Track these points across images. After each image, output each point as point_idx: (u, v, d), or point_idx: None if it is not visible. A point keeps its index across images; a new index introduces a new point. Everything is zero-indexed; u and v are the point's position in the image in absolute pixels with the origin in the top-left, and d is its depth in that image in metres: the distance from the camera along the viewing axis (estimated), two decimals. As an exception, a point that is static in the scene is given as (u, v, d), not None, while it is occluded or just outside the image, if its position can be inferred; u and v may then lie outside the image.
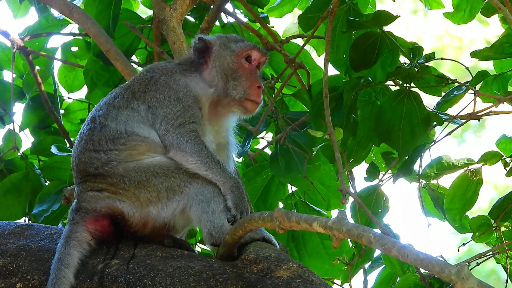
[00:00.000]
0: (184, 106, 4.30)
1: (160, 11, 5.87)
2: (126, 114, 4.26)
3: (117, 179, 4.10)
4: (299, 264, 3.89)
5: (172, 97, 4.33)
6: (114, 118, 4.24)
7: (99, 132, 4.21)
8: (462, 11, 6.25)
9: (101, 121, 4.24)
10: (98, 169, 4.14)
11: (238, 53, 4.51)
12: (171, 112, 4.29)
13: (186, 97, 4.34)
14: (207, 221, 4.06)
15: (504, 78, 5.90)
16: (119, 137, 4.18)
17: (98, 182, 4.12)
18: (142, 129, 4.22)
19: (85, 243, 4.01)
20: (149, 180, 4.10)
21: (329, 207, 6.45)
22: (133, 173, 4.11)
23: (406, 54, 5.49)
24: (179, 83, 4.39)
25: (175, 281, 3.75)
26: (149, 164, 4.13)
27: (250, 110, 4.49)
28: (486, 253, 5.67)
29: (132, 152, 4.16)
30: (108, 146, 4.17)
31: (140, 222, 4.10)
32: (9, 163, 7.02)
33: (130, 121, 4.23)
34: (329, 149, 5.41)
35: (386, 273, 6.19)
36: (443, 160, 5.74)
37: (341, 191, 4.53)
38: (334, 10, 5.26)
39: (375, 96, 5.63)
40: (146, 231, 4.12)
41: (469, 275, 2.82)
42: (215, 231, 4.06)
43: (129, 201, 4.08)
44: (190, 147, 4.19)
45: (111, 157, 4.14)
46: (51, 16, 7.08)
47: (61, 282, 3.81)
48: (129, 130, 4.21)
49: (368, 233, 3.16)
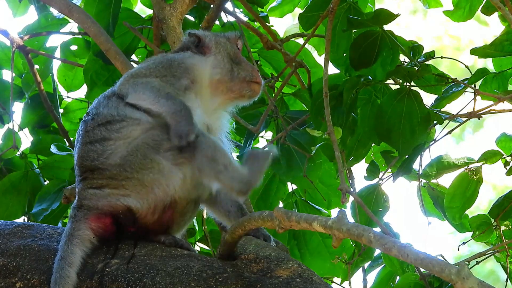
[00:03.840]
0: (169, 73, 4.32)
1: (160, 10, 5.87)
2: (116, 99, 4.24)
3: (117, 170, 4.03)
4: (299, 264, 3.89)
5: (163, 63, 4.37)
6: (105, 105, 4.21)
7: (92, 121, 4.17)
8: (462, 9, 6.26)
9: (93, 112, 4.22)
10: (94, 161, 4.07)
11: (233, 40, 4.63)
12: (147, 68, 4.34)
13: (177, 67, 4.35)
14: (224, 178, 4.02)
15: (504, 76, 5.91)
16: (112, 122, 4.12)
17: (97, 178, 4.06)
18: (134, 112, 4.16)
19: (88, 241, 3.98)
20: (146, 156, 4.03)
21: (330, 206, 6.46)
22: (130, 157, 4.03)
23: (406, 53, 5.49)
24: (176, 56, 4.45)
25: (175, 281, 3.75)
26: (138, 142, 4.06)
27: (256, 91, 4.53)
28: (486, 252, 5.67)
29: (126, 141, 4.08)
30: (102, 134, 4.10)
31: (149, 211, 4.02)
32: (8, 162, 7.02)
33: (121, 105, 4.19)
34: (329, 148, 5.42)
35: (385, 272, 6.21)
36: (443, 159, 5.75)
37: (341, 190, 4.53)
38: (334, 9, 5.26)
39: (375, 95, 5.64)
40: (155, 218, 4.06)
41: (469, 274, 2.82)
42: (239, 184, 4.01)
43: (134, 192, 4.01)
44: (142, 87, 4.19)
45: (107, 147, 4.08)
46: (50, 15, 7.08)
47: (65, 281, 3.78)
48: (121, 113, 4.14)
49: (368, 233, 3.16)
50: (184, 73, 4.34)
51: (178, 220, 4.16)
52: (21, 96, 7.32)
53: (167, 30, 5.78)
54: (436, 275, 2.91)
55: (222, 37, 4.61)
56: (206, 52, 4.54)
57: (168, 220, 4.11)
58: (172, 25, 5.77)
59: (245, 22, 6.40)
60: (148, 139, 4.06)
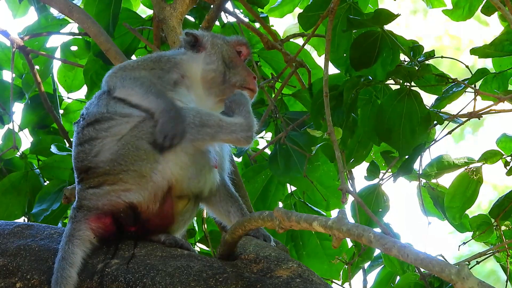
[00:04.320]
0: (157, 67, 4.31)
1: (160, 10, 5.86)
2: (106, 96, 4.23)
3: (110, 165, 4.01)
4: (299, 264, 3.89)
5: (152, 57, 4.37)
6: (95, 104, 4.21)
7: (83, 121, 4.17)
8: (461, 8, 6.26)
9: (84, 112, 4.22)
10: (84, 161, 4.06)
11: (233, 44, 4.59)
12: (136, 62, 4.33)
13: (166, 61, 4.35)
14: (224, 136, 4.04)
15: (504, 76, 5.91)
16: (100, 120, 4.10)
17: (92, 177, 4.05)
18: (124, 108, 4.14)
19: (88, 242, 3.98)
20: (139, 147, 4.02)
21: (329, 208, 6.46)
22: (122, 151, 4.02)
23: (406, 53, 5.48)
24: (168, 52, 4.46)
25: (175, 281, 3.75)
26: (128, 137, 4.04)
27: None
28: (486, 252, 5.67)
29: (114, 138, 4.06)
30: (89, 134, 4.08)
31: (151, 200, 4.01)
32: (8, 162, 7.02)
33: (111, 102, 4.18)
34: (330, 148, 5.41)
35: (385, 273, 6.20)
36: (443, 159, 5.75)
37: (341, 190, 4.53)
38: (335, 9, 5.26)
39: (376, 95, 5.64)
40: (156, 207, 4.02)
41: (469, 274, 2.82)
42: (241, 133, 4.04)
43: (135, 184, 3.99)
44: (130, 82, 4.16)
45: (94, 147, 4.06)
46: (50, 15, 7.08)
47: (66, 281, 3.78)
48: (111, 110, 4.13)
49: (368, 233, 3.15)
50: (173, 67, 4.34)
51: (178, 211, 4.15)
52: (21, 96, 7.32)
53: (167, 30, 5.77)
54: (436, 275, 2.91)
55: (219, 39, 4.59)
56: (201, 51, 4.53)
57: (168, 212, 4.09)
58: (172, 25, 5.76)
59: (245, 22, 6.40)
60: (138, 132, 4.05)
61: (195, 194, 4.20)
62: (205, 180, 4.18)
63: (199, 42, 4.54)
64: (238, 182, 5.24)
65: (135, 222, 4.07)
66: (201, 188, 4.19)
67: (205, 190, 4.23)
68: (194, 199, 4.24)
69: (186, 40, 4.55)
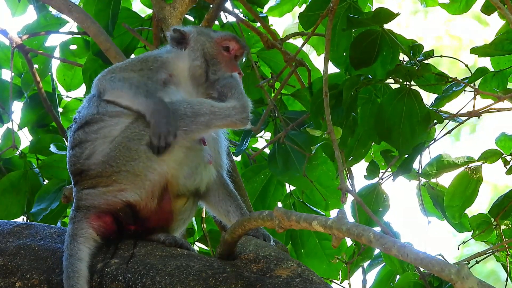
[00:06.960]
0: (145, 67, 4.29)
1: (159, 10, 5.86)
2: (97, 98, 4.22)
3: (102, 167, 4.02)
4: (298, 263, 3.89)
5: (139, 58, 4.37)
6: (86, 107, 4.21)
7: (75, 125, 4.18)
8: (458, 2, 6.25)
9: (76, 116, 4.23)
10: (76, 164, 4.07)
11: (217, 40, 4.50)
12: (124, 64, 4.33)
13: (153, 61, 4.33)
14: (220, 121, 4.02)
15: (503, 75, 5.91)
16: (90, 122, 4.10)
17: (86, 180, 4.05)
18: (114, 108, 4.14)
19: (91, 239, 3.98)
20: (130, 148, 4.01)
21: (328, 207, 6.45)
22: (113, 153, 4.02)
23: (406, 52, 5.48)
24: (154, 52, 4.47)
25: (174, 280, 3.75)
26: (119, 138, 4.03)
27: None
28: (486, 251, 5.67)
29: (105, 140, 4.06)
30: (79, 138, 4.09)
31: (148, 197, 4.01)
32: (7, 161, 7.02)
33: (102, 103, 4.18)
34: (330, 147, 5.40)
35: (385, 272, 6.20)
36: (443, 158, 5.75)
37: (341, 190, 4.52)
38: (334, 8, 5.26)
39: (375, 94, 5.64)
40: (154, 205, 4.03)
41: (469, 274, 2.82)
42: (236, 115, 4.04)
43: (129, 184, 3.99)
44: (119, 85, 4.15)
45: (84, 150, 4.06)
46: (49, 14, 7.07)
47: (78, 275, 3.78)
48: (101, 110, 4.13)
49: (368, 232, 3.15)
50: (161, 66, 4.32)
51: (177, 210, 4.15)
52: (20, 95, 7.31)
53: (167, 29, 5.76)
54: (436, 274, 2.91)
55: (203, 35, 4.51)
56: (187, 48, 4.50)
57: (167, 210, 4.09)
58: (172, 24, 5.76)
59: (245, 21, 6.39)
60: (130, 133, 4.05)
61: (193, 192, 4.20)
62: (201, 177, 4.18)
63: (185, 38, 4.51)
64: (238, 180, 5.24)
65: (134, 221, 4.07)
66: (197, 184, 4.19)
67: (202, 187, 4.22)
68: (193, 198, 4.24)
69: (172, 36, 4.51)
